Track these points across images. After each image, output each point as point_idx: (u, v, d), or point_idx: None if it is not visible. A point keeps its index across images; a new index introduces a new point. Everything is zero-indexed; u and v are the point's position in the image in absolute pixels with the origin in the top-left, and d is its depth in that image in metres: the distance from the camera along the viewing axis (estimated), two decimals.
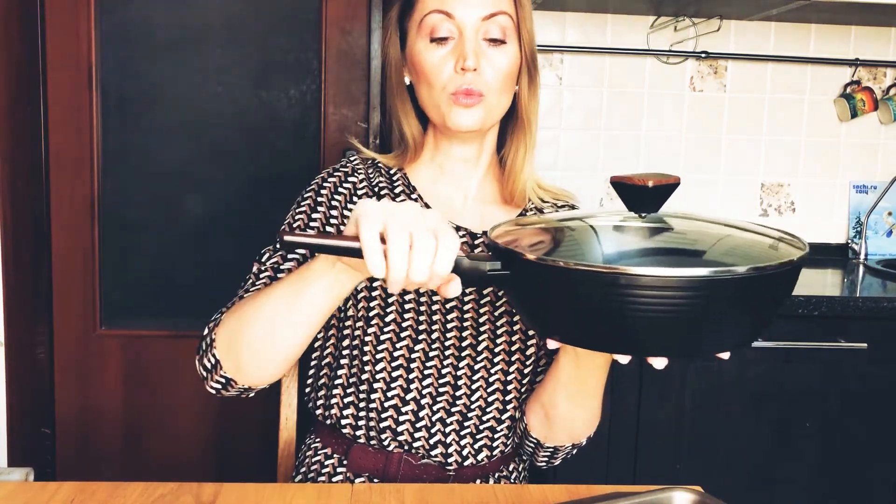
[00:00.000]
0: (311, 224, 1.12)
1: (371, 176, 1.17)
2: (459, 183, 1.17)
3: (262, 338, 0.94)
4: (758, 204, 2.33)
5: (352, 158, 1.19)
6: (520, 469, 1.22)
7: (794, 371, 1.73)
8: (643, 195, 0.79)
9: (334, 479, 1.15)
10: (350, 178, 1.15)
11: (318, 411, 1.17)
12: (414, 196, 1.16)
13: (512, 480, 1.20)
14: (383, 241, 0.74)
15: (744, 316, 0.74)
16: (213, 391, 1.03)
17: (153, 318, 2.15)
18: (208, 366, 1.01)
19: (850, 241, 2.34)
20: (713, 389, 1.72)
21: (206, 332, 1.02)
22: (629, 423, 1.72)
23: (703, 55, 2.22)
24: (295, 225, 1.13)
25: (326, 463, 1.16)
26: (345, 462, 1.15)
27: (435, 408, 1.11)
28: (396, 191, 1.16)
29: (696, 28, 2.21)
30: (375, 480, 1.13)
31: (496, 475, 1.18)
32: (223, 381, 1.00)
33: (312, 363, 1.19)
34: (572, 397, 1.04)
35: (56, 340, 2.12)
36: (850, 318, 1.72)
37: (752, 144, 2.31)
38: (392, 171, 1.18)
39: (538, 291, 0.77)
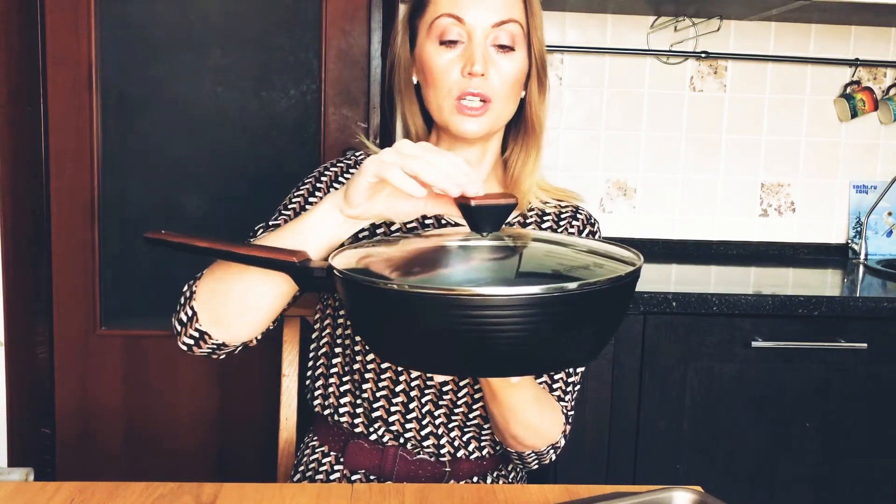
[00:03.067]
0: (307, 207, 1.13)
1: None
2: None
3: (250, 284, 0.94)
4: (758, 204, 2.33)
5: (357, 153, 1.21)
6: (518, 469, 1.23)
7: (794, 371, 1.73)
8: (475, 214, 0.80)
9: (332, 477, 1.16)
10: (352, 170, 1.17)
11: (317, 401, 1.18)
12: None
13: (510, 480, 1.20)
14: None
15: (574, 333, 0.74)
16: (185, 347, 1.00)
17: (153, 318, 2.15)
18: (184, 319, 0.99)
19: (850, 241, 2.34)
20: (713, 389, 1.72)
21: (185, 288, 1.01)
22: (629, 423, 1.72)
23: (703, 55, 2.22)
24: (291, 206, 1.14)
25: (324, 461, 1.17)
26: (342, 459, 1.15)
27: (423, 400, 1.13)
28: None
29: (696, 28, 2.21)
30: (372, 478, 1.14)
31: (494, 474, 1.18)
32: (197, 335, 0.98)
33: (311, 354, 1.20)
34: (500, 411, 1.03)
35: (56, 340, 2.12)
36: (850, 318, 1.71)
37: (752, 144, 2.31)
38: None
39: (348, 304, 0.79)
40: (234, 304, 0.95)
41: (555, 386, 1.14)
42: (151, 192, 2.10)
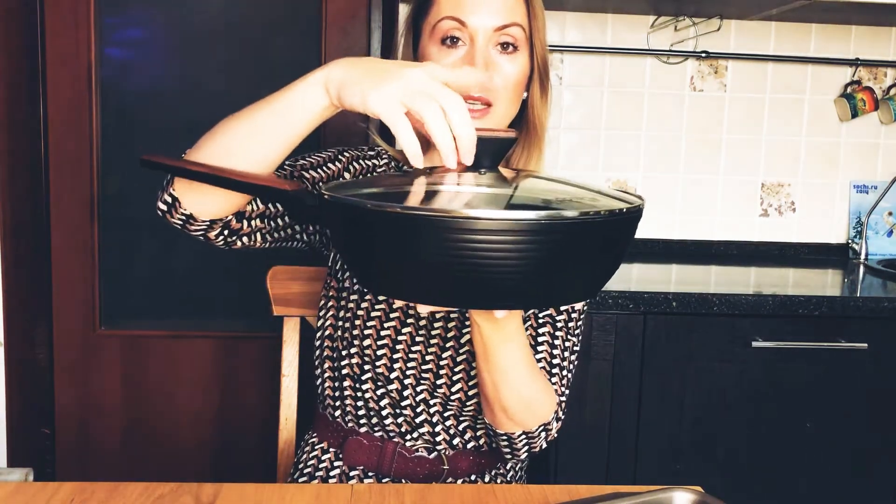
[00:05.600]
0: (324, 168, 1.15)
1: (386, 166, 1.21)
2: None
3: (224, 148, 0.93)
4: (758, 204, 2.33)
5: (376, 147, 1.23)
6: (517, 468, 1.23)
7: (794, 371, 1.73)
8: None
9: (331, 474, 1.16)
10: (372, 160, 1.20)
11: (327, 384, 1.18)
12: None
13: (509, 479, 1.21)
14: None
15: (570, 266, 0.72)
16: (160, 213, 1.02)
17: (153, 318, 2.16)
18: (164, 183, 1.01)
19: (850, 241, 2.34)
20: (713, 389, 1.72)
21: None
22: (629, 423, 1.72)
23: (703, 55, 2.22)
24: (310, 159, 1.15)
25: (323, 458, 1.18)
26: (341, 456, 1.16)
27: (419, 389, 1.13)
28: None
29: (696, 28, 2.21)
30: (370, 474, 1.14)
31: (492, 472, 1.18)
32: (170, 199, 0.99)
33: (316, 342, 1.20)
34: (490, 374, 1.01)
35: (56, 340, 2.12)
36: (850, 318, 1.71)
37: (752, 144, 2.31)
38: (401, 165, 1.22)
39: (339, 231, 0.77)
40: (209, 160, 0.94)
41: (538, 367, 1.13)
42: (151, 192, 2.10)
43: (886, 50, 2.30)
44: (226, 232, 1.02)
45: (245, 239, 1.05)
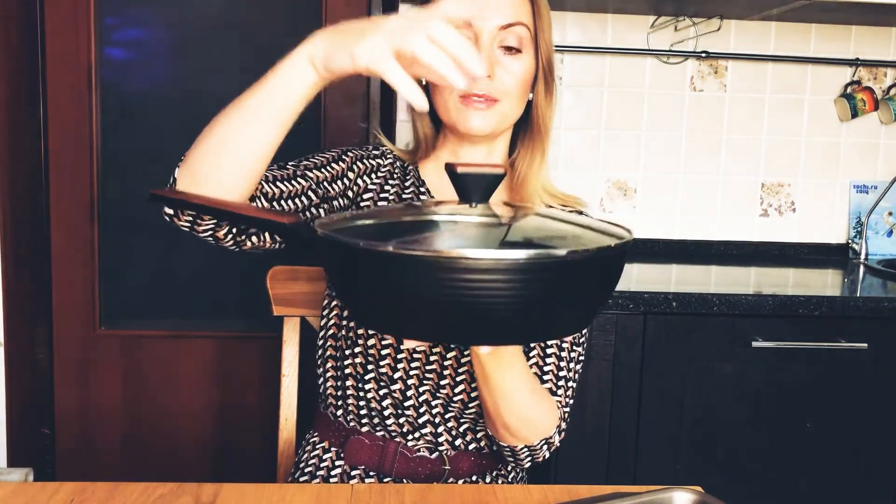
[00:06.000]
0: (327, 167, 1.15)
1: (391, 165, 1.21)
2: None
3: (220, 138, 0.95)
4: (758, 204, 2.33)
5: (381, 147, 1.23)
6: (517, 469, 1.23)
7: (794, 371, 1.73)
8: (462, 182, 0.79)
9: (333, 473, 1.16)
10: (377, 159, 1.20)
11: (329, 384, 1.18)
12: (423, 189, 1.18)
13: (510, 480, 1.21)
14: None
15: (561, 303, 0.73)
16: (168, 217, 1.01)
17: (153, 318, 2.15)
18: (166, 187, 1.00)
19: (850, 241, 2.34)
20: (713, 389, 1.72)
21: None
22: (629, 423, 1.72)
23: (703, 55, 2.22)
24: (314, 160, 1.15)
25: (325, 457, 1.18)
26: (342, 455, 1.16)
27: (421, 389, 1.13)
28: (407, 183, 1.20)
29: (696, 28, 2.21)
30: (371, 474, 1.14)
31: (493, 473, 1.18)
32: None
33: (319, 341, 1.21)
34: (491, 397, 1.01)
35: (56, 340, 2.12)
36: (850, 318, 1.71)
37: (752, 144, 2.31)
38: (405, 164, 1.21)
39: (331, 266, 0.78)
40: (209, 155, 0.96)
41: (545, 378, 1.13)
42: None
43: (886, 50, 2.30)
44: (234, 230, 1.02)
45: (254, 238, 1.05)
